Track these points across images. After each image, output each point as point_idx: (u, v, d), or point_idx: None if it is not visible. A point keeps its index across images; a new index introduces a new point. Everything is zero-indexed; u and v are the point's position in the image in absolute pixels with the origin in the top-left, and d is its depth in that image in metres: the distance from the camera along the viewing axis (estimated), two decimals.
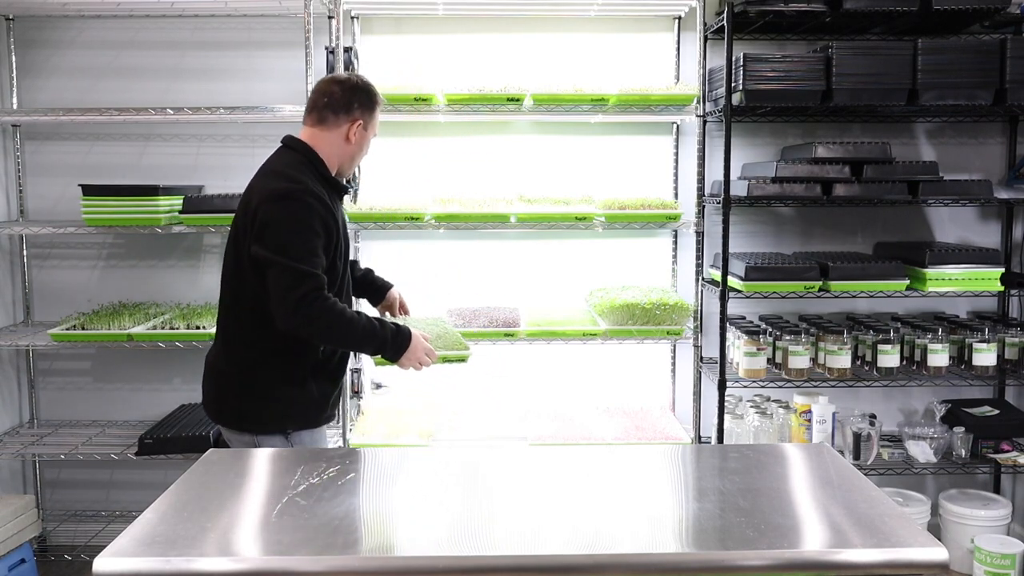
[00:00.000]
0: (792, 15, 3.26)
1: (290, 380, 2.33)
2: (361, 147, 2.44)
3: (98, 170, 3.63)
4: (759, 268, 3.25)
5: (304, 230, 2.22)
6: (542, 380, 3.74)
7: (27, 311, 3.70)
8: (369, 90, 2.42)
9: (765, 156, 3.65)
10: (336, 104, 2.37)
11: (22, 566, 3.29)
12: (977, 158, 3.67)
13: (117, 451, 3.35)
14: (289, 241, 2.20)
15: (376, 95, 2.44)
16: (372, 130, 2.45)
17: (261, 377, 2.33)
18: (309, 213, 2.23)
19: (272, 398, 2.34)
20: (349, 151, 2.42)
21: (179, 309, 3.52)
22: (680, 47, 3.61)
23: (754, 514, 1.59)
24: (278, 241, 2.19)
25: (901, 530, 1.52)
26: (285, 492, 1.71)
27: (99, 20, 3.59)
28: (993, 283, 3.28)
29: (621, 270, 3.70)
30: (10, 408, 3.70)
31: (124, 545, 1.47)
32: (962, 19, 3.31)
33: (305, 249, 2.20)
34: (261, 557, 1.45)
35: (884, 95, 3.18)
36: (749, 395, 3.60)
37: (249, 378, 2.35)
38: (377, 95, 2.45)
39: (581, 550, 1.48)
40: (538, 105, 3.38)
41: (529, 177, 3.64)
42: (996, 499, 3.57)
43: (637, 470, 1.91)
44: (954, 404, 3.56)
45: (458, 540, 1.52)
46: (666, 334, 3.35)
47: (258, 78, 3.61)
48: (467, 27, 3.61)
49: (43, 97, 3.61)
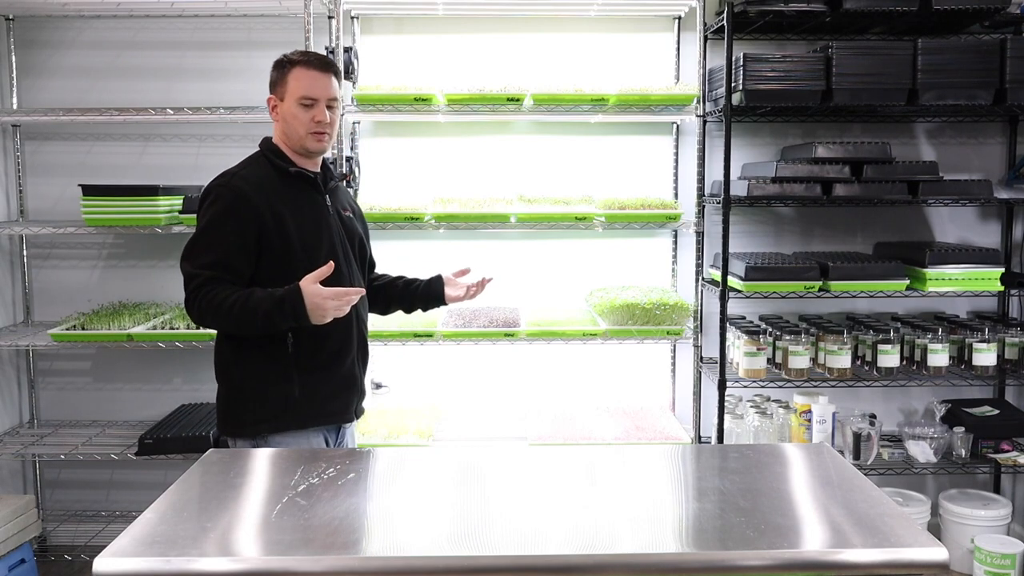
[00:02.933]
0: (792, 15, 3.26)
1: (260, 376, 2.24)
2: (286, 119, 2.29)
3: (98, 170, 3.63)
4: (759, 268, 3.25)
5: (207, 226, 2.21)
6: (542, 380, 3.74)
7: (27, 311, 3.70)
8: (277, 62, 2.33)
9: (765, 156, 3.65)
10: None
11: (22, 566, 3.29)
12: (977, 158, 3.67)
13: (117, 451, 3.35)
14: (189, 243, 2.22)
15: (282, 62, 2.31)
16: (291, 96, 2.28)
17: (234, 374, 2.27)
18: (216, 205, 2.20)
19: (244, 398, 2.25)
20: (280, 128, 2.33)
21: (179, 309, 3.51)
22: (680, 47, 3.61)
23: (754, 514, 1.59)
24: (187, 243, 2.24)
25: (901, 530, 1.52)
26: (285, 492, 1.71)
27: (99, 20, 3.59)
28: (993, 283, 3.28)
29: (621, 270, 3.70)
30: (10, 408, 3.70)
31: (124, 545, 1.47)
32: (962, 19, 3.31)
33: (200, 245, 2.20)
34: (261, 557, 1.45)
35: (884, 95, 3.18)
36: (749, 395, 3.59)
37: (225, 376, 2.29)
38: (284, 61, 2.31)
39: (581, 550, 1.48)
40: (538, 105, 3.38)
41: (529, 177, 3.64)
42: (996, 499, 3.57)
43: (637, 470, 1.91)
44: (954, 404, 3.56)
45: (458, 540, 1.52)
46: (666, 334, 3.35)
47: (258, 78, 3.56)
48: (467, 27, 3.61)
49: (43, 97, 3.61)
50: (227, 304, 2.12)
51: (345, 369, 2.34)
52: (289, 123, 2.29)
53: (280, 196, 2.25)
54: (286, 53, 2.34)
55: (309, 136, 2.29)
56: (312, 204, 2.33)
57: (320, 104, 2.28)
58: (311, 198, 2.33)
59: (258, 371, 2.24)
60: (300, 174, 2.32)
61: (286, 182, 2.29)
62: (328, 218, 2.34)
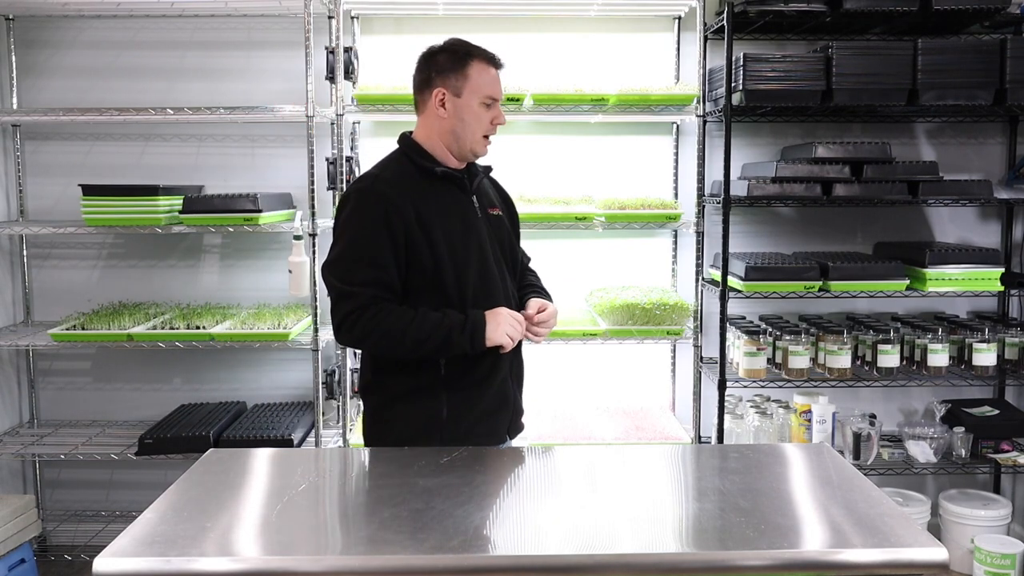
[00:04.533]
0: (792, 15, 3.26)
1: (406, 396, 2.09)
2: (462, 117, 2.09)
3: (98, 170, 3.63)
4: (759, 268, 3.25)
5: (355, 237, 2.02)
6: (542, 380, 3.73)
7: (27, 311, 3.70)
8: (449, 50, 2.11)
9: (765, 156, 3.65)
10: (419, 83, 2.16)
11: (22, 566, 3.29)
12: (977, 158, 3.67)
13: (117, 451, 3.35)
14: (336, 255, 2.03)
15: (459, 52, 2.09)
16: (472, 93, 2.09)
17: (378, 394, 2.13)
18: (363, 213, 2.02)
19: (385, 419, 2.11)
20: (448, 126, 2.11)
21: (179, 309, 3.52)
22: (680, 47, 3.61)
23: (754, 514, 1.59)
24: (330, 253, 2.05)
25: (901, 530, 1.52)
26: (285, 492, 1.71)
27: (99, 20, 3.59)
28: (993, 283, 3.28)
29: (621, 270, 3.70)
30: (10, 408, 3.70)
31: (124, 545, 1.47)
32: (962, 19, 3.31)
33: (351, 258, 2.01)
34: (261, 557, 1.45)
35: (884, 95, 3.18)
36: (749, 395, 3.59)
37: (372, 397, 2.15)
38: (461, 51, 2.09)
39: (581, 550, 1.48)
40: (538, 105, 3.38)
41: (529, 177, 3.64)
42: (996, 499, 3.57)
43: (637, 470, 1.91)
44: (954, 404, 3.56)
45: (458, 540, 1.52)
46: (666, 334, 3.35)
47: (258, 78, 3.60)
48: (467, 27, 3.61)
49: (43, 97, 3.61)
50: (397, 330, 1.97)
51: (496, 387, 2.16)
52: (467, 122, 2.10)
53: (425, 200, 2.06)
54: (455, 40, 2.12)
55: (482, 140, 2.13)
56: (459, 207, 2.12)
57: (497, 106, 2.14)
58: (458, 200, 2.13)
59: (404, 388, 2.09)
60: (447, 175, 2.12)
61: (431, 184, 2.10)
62: (476, 222, 2.14)
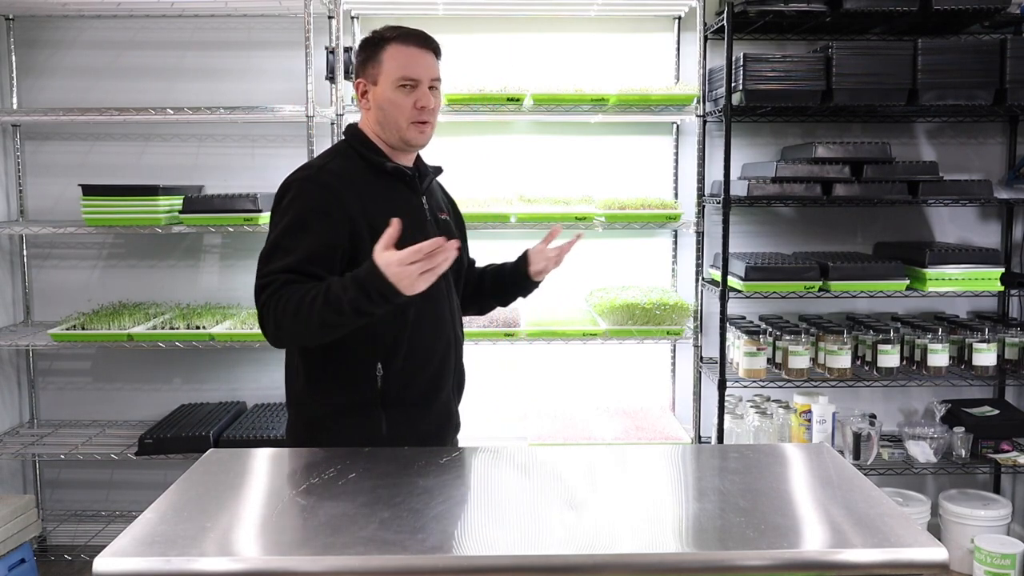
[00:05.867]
0: (792, 15, 3.26)
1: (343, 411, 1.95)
2: (381, 106, 1.95)
3: (98, 170, 3.63)
4: (759, 268, 3.25)
5: (286, 228, 1.86)
6: (542, 380, 3.74)
7: (27, 311, 3.70)
8: (368, 38, 2.00)
9: (765, 156, 3.65)
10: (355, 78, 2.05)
11: (22, 566, 3.29)
12: (977, 158, 3.67)
13: (117, 451, 3.35)
14: (267, 248, 1.88)
15: (374, 38, 1.98)
16: (387, 78, 1.94)
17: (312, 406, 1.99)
18: (302, 202, 1.87)
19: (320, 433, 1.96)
20: (373, 117, 1.98)
21: (179, 309, 3.52)
22: (680, 47, 3.61)
23: (754, 514, 1.58)
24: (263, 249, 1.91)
25: (901, 530, 1.52)
26: (285, 492, 1.71)
27: (99, 20, 3.59)
28: (993, 283, 3.28)
29: (621, 270, 3.70)
30: (10, 408, 3.70)
31: (124, 545, 1.46)
32: (962, 19, 3.31)
33: (277, 250, 1.85)
34: (261, 557, 1.45)
35: (884, 95, 3.18)
36: (749, 395, 3.59)
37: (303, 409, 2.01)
38: (376, 37, 1.98)
39: (581, 550, 1.48)
40: (538, 105, 3.38)
41: (529, 177, 3.64)
42: (996, 499, 3.57)
43: (637, 470, 1.91)
44: (954, 404, 3.56)
45: (458, 540, 1.52)
46: (666, 334, 3.35)
47: (258, 78, 3.60)
48: (467, 27, 3.61)
49: (43, 97, 3.61)
50: (304, 305, 1.75)
51: (440, 403, 2.06)
52: (386, 111, 1.94)
53: (373, 195, 1.91)
54: (376, 29, 2.00)
55: (411, 127, 1.95)
56: (408, 207, 1.96)
57: (422, 86, 1.94)
58: (408, 200, 1.99)
59: (338, 403, 1.95)
60: (398, 171, 1.98)
61: (380, 181, 1.96)
62: (426, 224, 2.00)
